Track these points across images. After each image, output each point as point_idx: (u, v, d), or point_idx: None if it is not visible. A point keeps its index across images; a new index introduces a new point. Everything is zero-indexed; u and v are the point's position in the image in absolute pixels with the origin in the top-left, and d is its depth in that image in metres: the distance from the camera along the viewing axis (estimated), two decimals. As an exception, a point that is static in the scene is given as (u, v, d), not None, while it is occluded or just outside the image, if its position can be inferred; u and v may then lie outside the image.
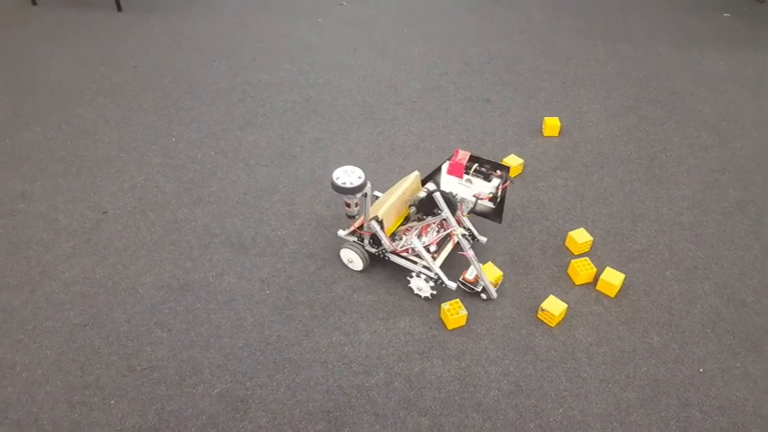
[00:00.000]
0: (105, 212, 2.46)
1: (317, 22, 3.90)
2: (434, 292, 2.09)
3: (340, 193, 1.92)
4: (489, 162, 2.07)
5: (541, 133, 2.94)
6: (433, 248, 2.10)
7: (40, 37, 3.68)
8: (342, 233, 2.23)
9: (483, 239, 2.29)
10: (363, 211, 2.05)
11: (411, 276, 2.10)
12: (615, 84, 3.33)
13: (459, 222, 2.19)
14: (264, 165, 2.73)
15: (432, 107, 3.12)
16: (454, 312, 2.01)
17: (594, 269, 2.19)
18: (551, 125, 2.89)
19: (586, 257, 2.23)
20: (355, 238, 2.19)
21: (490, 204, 2.09)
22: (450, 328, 2.03)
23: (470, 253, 2.04)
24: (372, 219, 2.03)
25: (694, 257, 2.31)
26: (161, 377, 1.87)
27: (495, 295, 2.11)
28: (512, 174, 2.65)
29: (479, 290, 2.10)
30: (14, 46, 3.58)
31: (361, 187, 1.91)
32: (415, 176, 2.16)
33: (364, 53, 3.59)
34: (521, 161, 2.68)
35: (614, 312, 2.11)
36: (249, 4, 4.08)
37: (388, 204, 2.04)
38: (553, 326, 2.05)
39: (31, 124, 2.96)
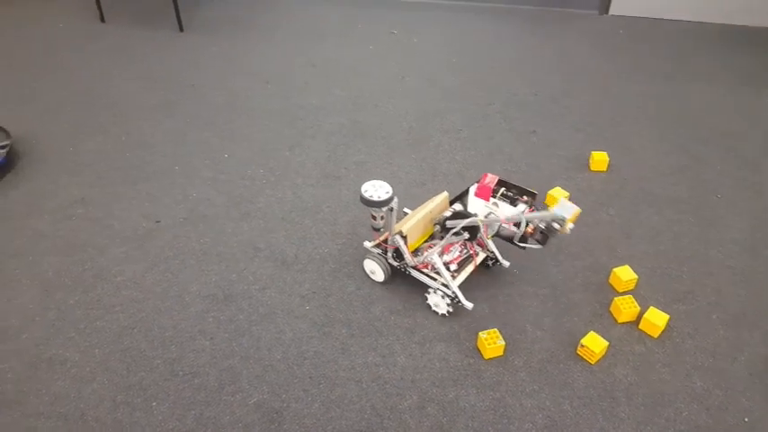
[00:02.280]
0: (158, 222, 2.56)
1: (368, 50, 4.01)
2: (450, 310, 2.12)
3: (367, 205, 2.00)
4: (516, 187, 2.07)
5: (589, 168, 2.93)
6: (453, 267, 2.14)
7: (106, 53, 3.90)
8: (367, 244, 2.29)
9: (506, 263, 2.31)
10: (388, 224, 2.11)
11: (428, 292, 2.14)
12: (667, 122, 3.30)
13: (483, 245, 2.22)
14: (310, 184, 2.80)
15: (477, 136, 3.15)
16: (492, 342, 2.00)
17: (638, 308, 2.15)
18: (599, 160, 2.88)
19: (630, 295, 2.20)
20: (379, 251, 2.25)
21: (514, 229, 2.05)
22: (486, 358, 2.02)
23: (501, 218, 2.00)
24: (397, 233, 2.09)
25: (743, 303, 2.25)
26: (201, 383, 1.92)
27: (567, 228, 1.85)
28: (556, 206, 2.64)
29: (544, 227, 1.91)
30: (83, 60, 3.80)
31: (387, 201, 1.99)
32: (443, 197, 2.20)
33: (413, 81, 3.66)
34: (566, 194, 2.67)
35: (657, 353, 2.06)
36: (304, 31, 4.23)
37: (414, 221, 2.10)
38: (593, 363, 2.01)
39: (93, 134, 3.12)
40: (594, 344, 2.01)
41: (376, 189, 2.00)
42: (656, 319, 2.09)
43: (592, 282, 2.32)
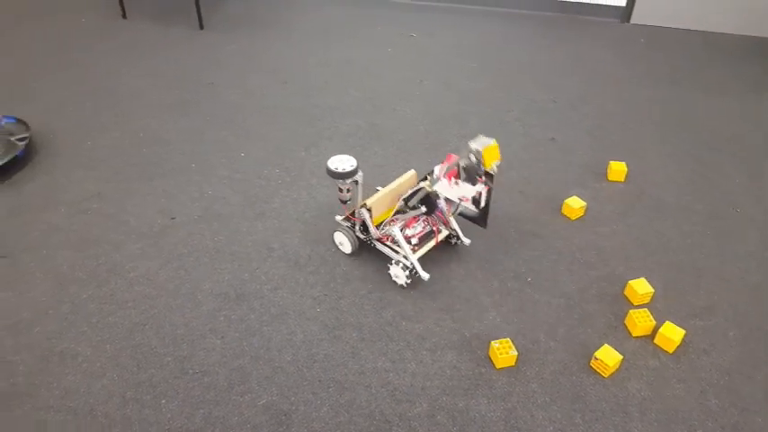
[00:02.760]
0: (173, 219, 2.57)
1: (386, 52, 4.00)
2: (409, 281, 2.23)
3: (333, 177, 2.13)
4: None
5: (606, 177, 2.89)
6: (414, 241, 2.28)
7: (126, 49, 3.92)
8: (338, 218, 2.41)
9: (467, 241, 2.41)
10: (356, 198, 2.27)
11: (390, 264, 2.26)
12: (686, 132, 3.26)
13: (447, 223, 2.35)
14: (325, 186, 2.80)
15: (494, 143, 3.13)
16: (504, 351, 1.98)
17: (653, 322, 2.12)
18: (617, 170, 2.85)
19: (645, 309, 2.16)
20: (348, 224, 2.37)
21: (473, 207, 2.13)
22: (498, 367, 2.00)
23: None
24: (362, 206, 2.20)
25: (760, 320, 2.20)
26: (211, 382, 1.92)
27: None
28: (572, 216, 2.62)
29: (464, 165, 1.99)
30: (102, 55, 3.83)
31: (351, 173, 2.12)
32: (411, 174, 2.32)
33: (430, 85, 3.65)
34: (583, 204, 2.64)
35: (671, 369, 2.02)
36: (323, 31, 4.23)
37: (379, 195, 2.24)
38: (606, 376, 1.98)
39: (110, 130, 3.14)
40: (608, 357, 1.98)
41: (342, 162, 2.13)
42: (672, 334, 2.06)
43: (607, 293, 2.29)
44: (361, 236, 2.35)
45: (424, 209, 2.17)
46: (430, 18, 4.49)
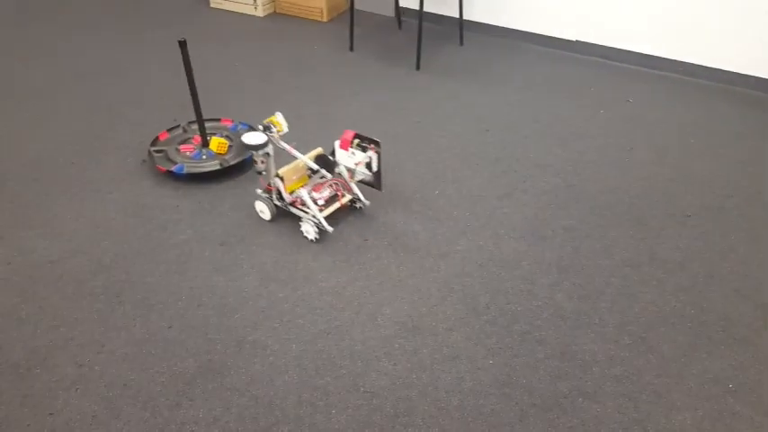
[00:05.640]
0: (366, 240, 2.72)
1: (598, 114, 3.88)
2: (318, 237, 2.66)
3: (247, 149, 2.51)
4: (366, 138, 2.65)
5: None
6: (321, 203, 2.70)
7: (351, 78, 4.30)
8: (258, 191, 2.83)
9: (366, 202, 2.86)
10: (270, 171, 2.63)
11: (300, 222, 2.69)
12: None
13: (349, 188, 2.79)
14: (512, 238, 2.76)
15: (707, 227, 2.84)
16: (695, 462, 1.75)
17: None
18: None
19: None
20: (267, 195, 2.79)
21: (366, 171, 2.74)
22: (683, 477, 1.78)
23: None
24: (275, 176, 2.63)
25: None
26: (378, 405, 1.97)
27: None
28: (798, 328, 2.28)
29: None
30: (331, 81, 4.23)
31: (263, 145, 2.48)
32: (318, 150, 2.76)
33: (641, 154, 3.45)
34: (816, 318, 2.27)
35: None
36: (534, 87, 4.24)
37: (289, 167, 2.69)
38: None
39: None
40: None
41: (255, 137, 2.49)
42: None
43: (834, 430, 1.93)
44: (278, 203, 2.76)
45: (327, 173, 2.66)
46: (651, 86, 4.27)
